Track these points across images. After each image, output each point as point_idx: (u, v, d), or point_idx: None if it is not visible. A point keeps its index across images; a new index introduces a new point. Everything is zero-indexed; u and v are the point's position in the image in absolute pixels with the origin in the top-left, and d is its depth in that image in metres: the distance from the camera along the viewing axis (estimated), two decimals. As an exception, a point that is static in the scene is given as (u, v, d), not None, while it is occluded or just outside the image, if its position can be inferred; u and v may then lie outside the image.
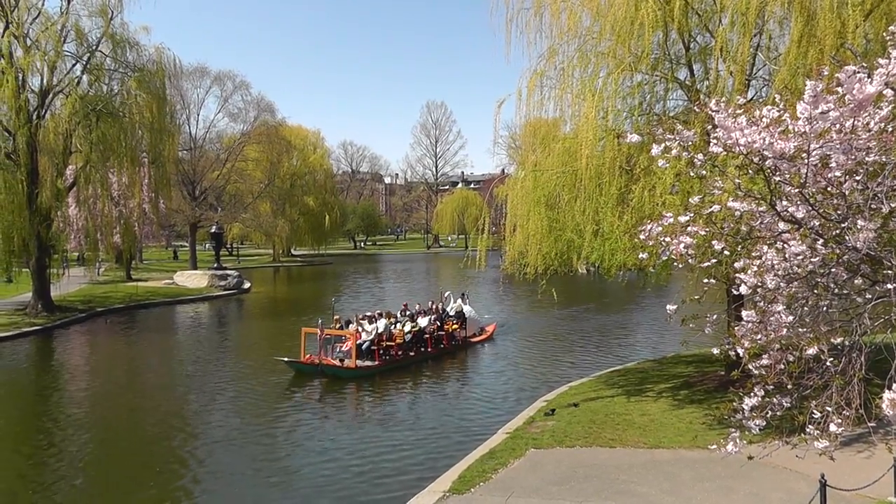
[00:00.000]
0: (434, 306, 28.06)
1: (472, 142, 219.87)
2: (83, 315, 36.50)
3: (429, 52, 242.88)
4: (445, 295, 30.22)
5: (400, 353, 23.89)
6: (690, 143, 7.93)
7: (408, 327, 24.91)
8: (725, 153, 7.48)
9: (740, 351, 7.65)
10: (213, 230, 56.99)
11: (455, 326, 27.37)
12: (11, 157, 32.34)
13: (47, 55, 33.50)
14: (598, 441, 13.39)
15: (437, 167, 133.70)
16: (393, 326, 24.50)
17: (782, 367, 7.35)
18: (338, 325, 23.85)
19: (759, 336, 7.51)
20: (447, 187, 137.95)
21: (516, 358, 25.83)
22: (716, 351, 8.68)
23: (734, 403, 7.77)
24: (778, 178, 7.23)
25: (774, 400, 7.55)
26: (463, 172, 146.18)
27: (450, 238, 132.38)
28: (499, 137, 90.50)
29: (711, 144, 7.40)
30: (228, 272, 53.53)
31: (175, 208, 55.88)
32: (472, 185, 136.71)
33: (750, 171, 7.59)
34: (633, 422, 14.60)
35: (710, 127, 7.97)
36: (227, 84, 67.17)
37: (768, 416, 7.58)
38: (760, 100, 14.68)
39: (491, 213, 21.79)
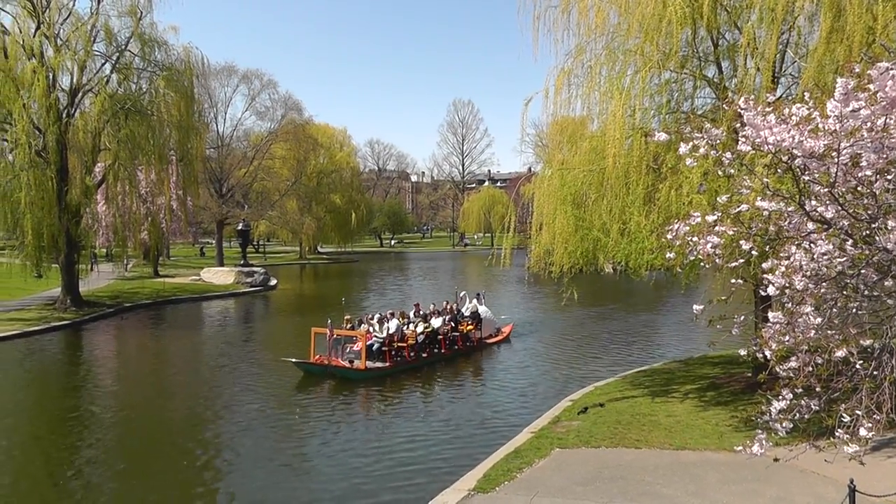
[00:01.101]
0: (448, 306, 27.51)
1: (498, 139, 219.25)
2: (111, 310, 36.93)
3: (456, 50, 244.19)
4: (461, 295, 29.73)
5: (412, 354, 23.44)
6: (718, 141, 7.83)
7: (420, 328, 24.47)
8: (754, 152, 7.38)
9: (768, 353, 7.55)
10: (239, 227, 57.42)
11: (470, 327, 26.85)
12: (42, 154, 32.74)
13: (77, 54, 34.04)
14: (623, 442, 13.29)
15: (463, 165, 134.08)
16: (405, 327, 24.09)
17: (810, 369, 7.24)
18: (348, 326, 23.52)
19: (786, 338, 7.41)
20: (473, 185, 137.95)
21: (535, 359, 25.47)
22: (743, 352, 8.58)
23: (762, 406, 7.68)
24: (807, 178, 7.12)
25: (802, 403, 7.44)
26: (489, 171, 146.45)
27: (476, 236, 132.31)
28: (526, 136, 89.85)
29: (740, 143, 7.30)
30: (255, 269, 53.73)
31: (202, 205, 56.40)
32: (498, 184, 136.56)
33: (778, 170, 7.49)
34: (658, 423, 14.49)
35: (738, 125, 7.88)
36: (254, 83, 67.89)
37: (796, 418, 7.48)
38: (790, 97, 14.47)
39: (517, 211, 21.69)
